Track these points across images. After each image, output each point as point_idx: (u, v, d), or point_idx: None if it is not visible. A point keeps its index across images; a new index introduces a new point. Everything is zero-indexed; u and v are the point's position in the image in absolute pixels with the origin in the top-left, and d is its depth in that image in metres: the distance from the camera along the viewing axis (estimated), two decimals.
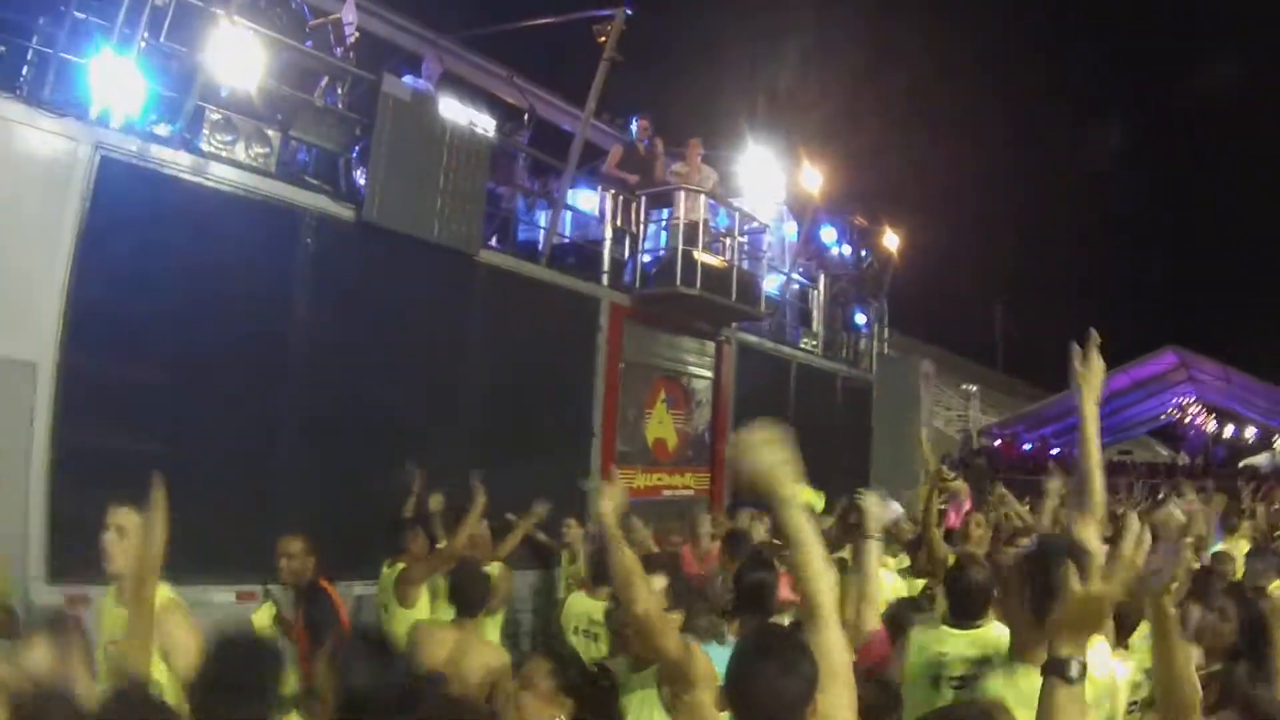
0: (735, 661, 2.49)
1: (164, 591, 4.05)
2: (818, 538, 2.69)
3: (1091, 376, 3.56)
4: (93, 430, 6.32)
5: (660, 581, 4.04)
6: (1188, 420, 43.27)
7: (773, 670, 2.39)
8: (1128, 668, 4.01)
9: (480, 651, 4.87)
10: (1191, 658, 2.76)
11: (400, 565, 6.46)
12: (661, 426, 11.73)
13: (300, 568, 5.64)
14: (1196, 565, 5.82)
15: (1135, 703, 4.07)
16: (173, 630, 3.79)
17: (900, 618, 4.89)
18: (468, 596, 5.09)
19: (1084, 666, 2.27)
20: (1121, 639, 4.24)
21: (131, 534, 4.11)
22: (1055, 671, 2.26)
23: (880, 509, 4.83)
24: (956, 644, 3.96)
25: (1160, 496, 13.36)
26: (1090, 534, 3.34)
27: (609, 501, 3.93)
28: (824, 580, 2.62)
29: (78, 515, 5.92)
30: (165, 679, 3.66)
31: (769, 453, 2.66)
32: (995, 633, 3.78)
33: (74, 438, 6.23)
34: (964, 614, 4.13)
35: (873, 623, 4.43)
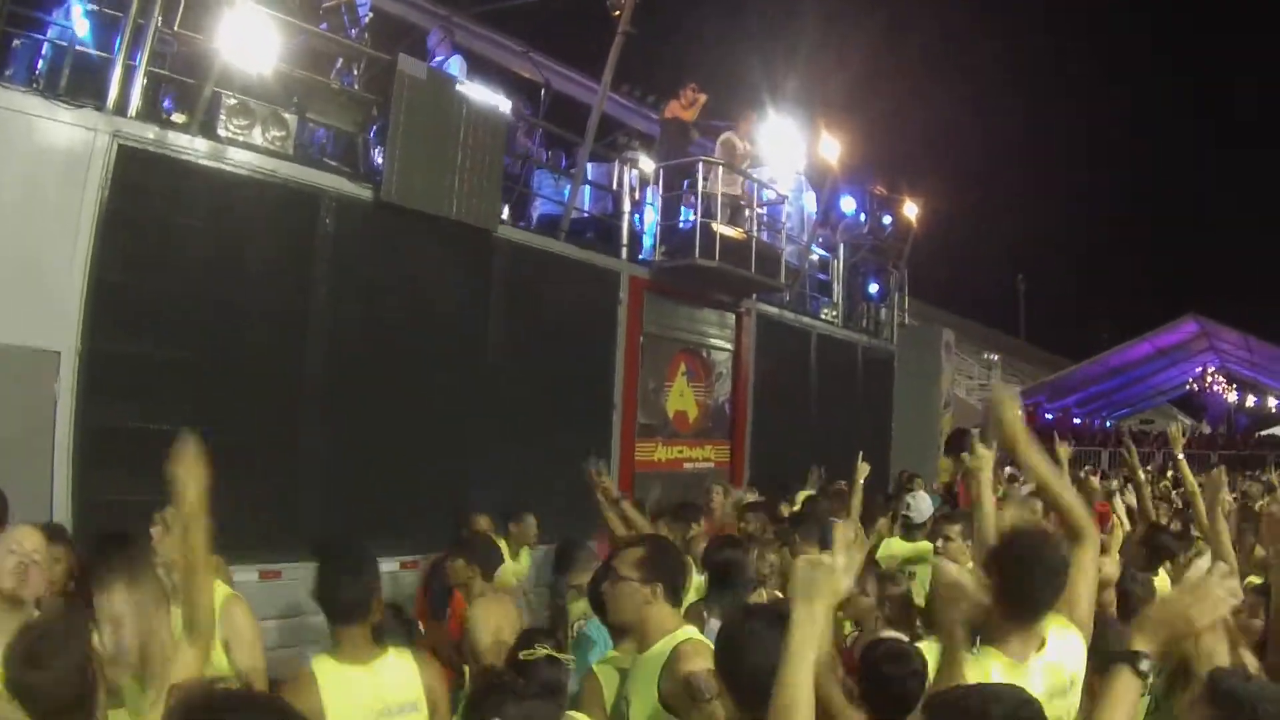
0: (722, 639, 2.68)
1: (225, 588, 4.13)
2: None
3: None
4: (117, 416, 6.38)
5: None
6: (1209, 389, 43.05)
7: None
8: None
9: None
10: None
11: None
12: (682, 399, 11.71)
13: None
14: None
15: None
16: (236, 623, 3.88)
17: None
18: None
19: (1154, 667, 2.40)
20: None
21: (175, 526, 4.20)
22: (1128, 660, 2.37)
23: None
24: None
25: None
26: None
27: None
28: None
29: (103, 500, 6.03)
30: (227, 671, 3.74)
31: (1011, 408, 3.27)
32: None
33: (98, 423, 6.29)
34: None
35: None
